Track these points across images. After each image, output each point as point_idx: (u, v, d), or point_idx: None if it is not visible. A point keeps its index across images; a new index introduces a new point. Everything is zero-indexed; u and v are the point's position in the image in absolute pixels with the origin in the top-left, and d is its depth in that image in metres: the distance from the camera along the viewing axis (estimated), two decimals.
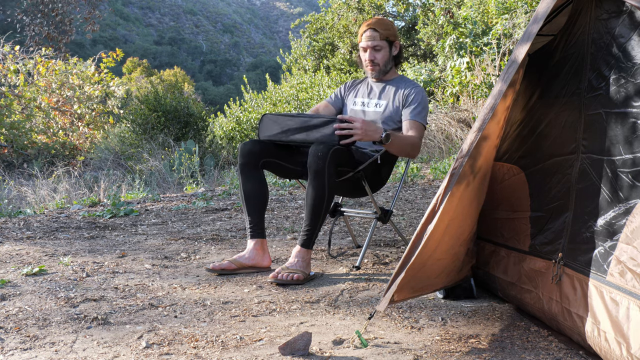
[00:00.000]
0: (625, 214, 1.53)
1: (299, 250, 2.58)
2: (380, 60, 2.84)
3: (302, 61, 16.12)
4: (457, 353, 1.72)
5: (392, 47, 2.87)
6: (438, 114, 8.62)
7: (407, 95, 2.82)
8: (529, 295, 1.93)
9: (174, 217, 4.34)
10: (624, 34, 1.61)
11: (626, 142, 1.56)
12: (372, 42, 2.81)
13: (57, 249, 3.22)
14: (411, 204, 4.63)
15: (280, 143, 2.70)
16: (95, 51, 14.11)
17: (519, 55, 1.75)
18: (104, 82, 12.80)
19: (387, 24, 2.84)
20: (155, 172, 8.27)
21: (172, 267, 2.84)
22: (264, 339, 1.86)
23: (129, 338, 1.89)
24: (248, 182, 2.71)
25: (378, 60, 2.84)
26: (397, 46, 2.88)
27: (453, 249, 1.97)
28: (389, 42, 2.84)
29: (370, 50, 2.83)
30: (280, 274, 2.50)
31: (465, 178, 1.79)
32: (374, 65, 2.85)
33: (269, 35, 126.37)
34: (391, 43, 2.85)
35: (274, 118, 2.69)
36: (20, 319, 2.06)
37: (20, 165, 10.08)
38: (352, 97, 3.00)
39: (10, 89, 11.61)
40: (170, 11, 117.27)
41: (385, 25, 2.84)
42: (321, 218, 2.56)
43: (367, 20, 2.89)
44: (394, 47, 2.87)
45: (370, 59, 2.84)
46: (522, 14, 8.88)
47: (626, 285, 1.51)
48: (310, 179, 2.52)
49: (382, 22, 2.84)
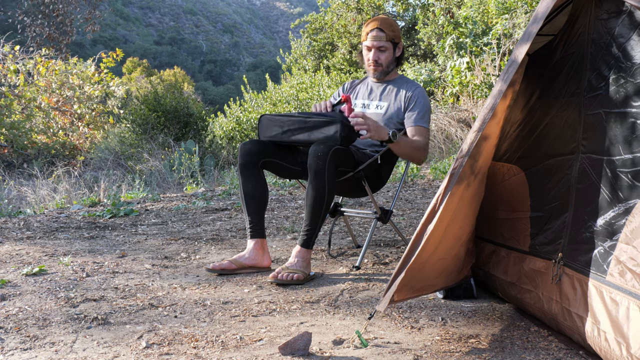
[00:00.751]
0: (625, 214, 1.53)
1: (299, 250, 2.58)
2: (384, 61, 2.83)
3: (302, 61, 16.12)
4: (457, 353, 1.73)
5: (396, 48, 2.85)
6: (438, 114, 8.61)
7: (409, 98, 2.80)
8: (529, 295, 1.93)
9: (174, 217, 4.34)
10: (623, 34, 1.61)
11: (626, 142, 1.56)
12: (378, 43, 2.79)
13: (57, 249, 3.22)
14: (411, 204, 4.63)
15: (282, 143, 2.70)
16: (95, 51, 14.11)
17: (519, 55, 1.75)
18: (104, 82, 12.80)
19: (393, 25, 2.83)
20: (155, 172, 8.27)
21: (172, 267, 2.84)
22: (264, 339, 1.86)
23: (129, 338, 1.89)
24: (248, 182, 2.71)
25: (382, 61, 2.83)
26: (400, 47, 2.87)
27: (453, 249, 1.97)
28: (394, 44, 2.83)
29: (375, 50, 2.81)
30: (280, 274, 2.50)
31: (466, 178, 1.79)
32: (377, 66, 2.84)
33: (269, 35, 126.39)
34: (396, 44, 2.84)
35: (272, 118, 2.69)
36: (20, 319, 2.06)
37: (20, 165, 10.08)
38: (352, 98, 2.99)
39: (10, 89, 11.61)
40: (170, 11, 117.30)
41: (392, 26, 2.82)
42: (321, 218, 2.56)
43: (374, 18, 2.86)
44: (397, 48, 2.86)
45: (375, 59, 2.82)
46: (522, 14, 8.88)
47: (626, 285, 1.51)
48: (311, 179, 2.52)
49: (389, 23, 2.81)
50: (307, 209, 2.56)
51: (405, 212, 4.24)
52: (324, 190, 2.50)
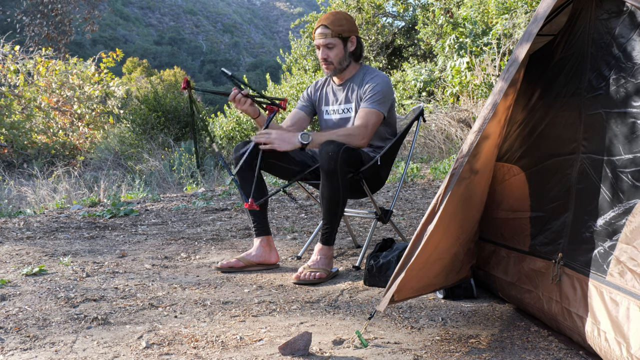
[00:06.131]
0: (625, 214, 1.53)
1: (321, 248, 2.61)
2: (333, 58, 2.74)
3: (302, 61, 16.10)
4: (457, 353, 1.72)
5: (348, 43, 2.75)
6: (438, 114, 8.61)
7: (366, 89, 2.72)
8: (529, 295, 1.93)
9: (174, 217, 4.34)
10: (624, 34, 1.61)
11: (626, 142, 1.56)
12: (324, 40, 2.71)
13: (57, 249, 3.22)
14: (411, 204, 4.63)
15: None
16: (95, 51, 14.11)
17: (519, 54, 1.75)
18: (104, 82, 12.80)
19: (339, 20, 2.73)
20: (155, 172, 8.27)
21: (172, 267, 2.84)
22: (264, 339, 1.86)
23: (129, 338, 1.89)
24: (245, 182, 2.72)
25: (331, 58, 2.74)
26: (353, 41, 2.76)
27: (453, 248, 1.97)
28: (343, 39, 2.73)
29: (322, 48, 2.73)
30: (303, 274, 2.51)
31: (466, 178, 1.79)
32: (327, 64, 2.76)
33: (269, 35, 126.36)
34: (345, 39, 2.74)
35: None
36: (20, 319, 2.06)
37: (20, 165, 10.08)
38: (323, 104, 2.93)
39: (10, 89, 11.61)
40: (170, 11, 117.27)
41: (338, 21, 2.72)
42: (339, 215, 2.59)
43: (323, 16, 2.80)
44: (349, 42, 2.75)
45: (324, 57, 2.74)
46: (522, 14, 8.88)
47: (626, 285, 1.51)
48: (323, 179, 2.52)
49: (336, 18, 2.73)
50: (323, 208, 2.57)
51: (405, 212, 4.23)
52: (338, 189, 2.51)
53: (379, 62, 13.96)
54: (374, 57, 14.05)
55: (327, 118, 2.90)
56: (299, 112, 2.94)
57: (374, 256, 2.49)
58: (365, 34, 13.79)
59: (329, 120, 2.90)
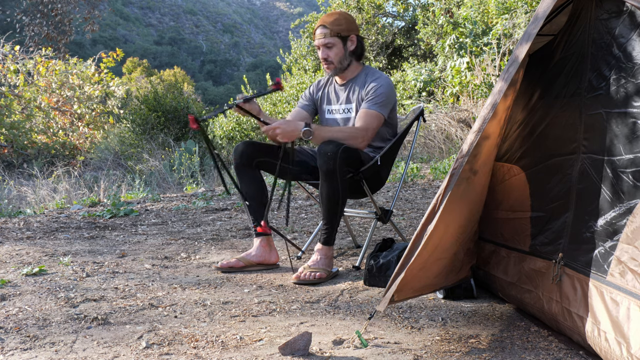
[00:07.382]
0: (626, 214, 1.53)
1: (321, 248, 2.61)
2: (333, 57, 2.74)
3: (302, 61, 16.10)
4: (457, 353, 1.72)
5: (347, 42, 2.75)
6: (438, 114, 8.61)
7: (368, 90, 2.73)
8: (529, 295, 1.93)
9: (174, 217, 4.34)
10: (624, 34, 1.60)
11: (626, 142, 1.56)
12: (323, 40, 2.72)
13: (57, 249, 3.22)
14: (411, 204, 4.63)
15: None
16: (95, 51, 14.10)
17: (519, 54, 1.75)
18: (104, 82, 12.79)
19: (338, 19, 2.74)
20: (155, 172, 8.27)
21: (172, 267, 2.84)
22: (264, 339, 1.86)
23: (129, 338, 1.89)
24: (244, 183, 2.75)
25: (331, 57, 2.74)
26: (353, 40, 2.76)
27: (453, 248, 1.97)
28: (342, 38, 2.73)
29: (322, 48, 2.74)
30: (303, 274, 2.51)
31: (466, 178, 1.79)
32: (328, 64, 2.76)
33: (269, 35, 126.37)
34: (345, 38, 2.74)
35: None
36: (20, 319, 2.06)
37: (20, 165, 10.08)
38: (324, 104, 2.94)
39: (10, 89, 11.61)
40: (170, 11, 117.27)
41: (336, 20, 2.73)
42: (338, 215, 2.59)
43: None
44: (349, 41, 2.75)
45: (324, 57, 2.75)
46: (522, 14, 8.88)
47: (627, 285, 1.51)
48: (322, 179, 2.52)
49: (335, 18, 2.74)
50: (323, 208, 2.58)
51: (405, 212, 4.23)
52: (337, 189, 2.52)
53: (379, 62, 13.96)
54: (374, 57, 14.05)
55: (328, 117, 2.91)
56: (301, 110, 2.94)
57: (374, 256, 2.49)
58: (365, 34, 13.79)
59: (329, 119, 2.90)
